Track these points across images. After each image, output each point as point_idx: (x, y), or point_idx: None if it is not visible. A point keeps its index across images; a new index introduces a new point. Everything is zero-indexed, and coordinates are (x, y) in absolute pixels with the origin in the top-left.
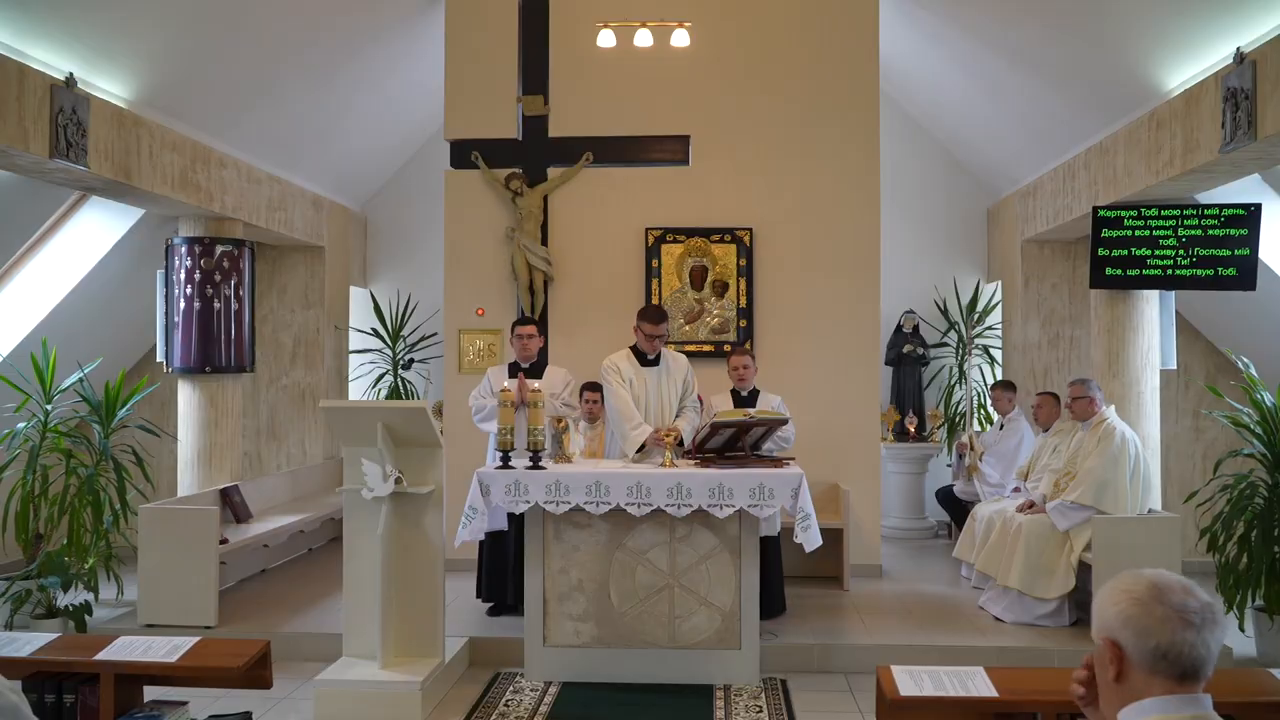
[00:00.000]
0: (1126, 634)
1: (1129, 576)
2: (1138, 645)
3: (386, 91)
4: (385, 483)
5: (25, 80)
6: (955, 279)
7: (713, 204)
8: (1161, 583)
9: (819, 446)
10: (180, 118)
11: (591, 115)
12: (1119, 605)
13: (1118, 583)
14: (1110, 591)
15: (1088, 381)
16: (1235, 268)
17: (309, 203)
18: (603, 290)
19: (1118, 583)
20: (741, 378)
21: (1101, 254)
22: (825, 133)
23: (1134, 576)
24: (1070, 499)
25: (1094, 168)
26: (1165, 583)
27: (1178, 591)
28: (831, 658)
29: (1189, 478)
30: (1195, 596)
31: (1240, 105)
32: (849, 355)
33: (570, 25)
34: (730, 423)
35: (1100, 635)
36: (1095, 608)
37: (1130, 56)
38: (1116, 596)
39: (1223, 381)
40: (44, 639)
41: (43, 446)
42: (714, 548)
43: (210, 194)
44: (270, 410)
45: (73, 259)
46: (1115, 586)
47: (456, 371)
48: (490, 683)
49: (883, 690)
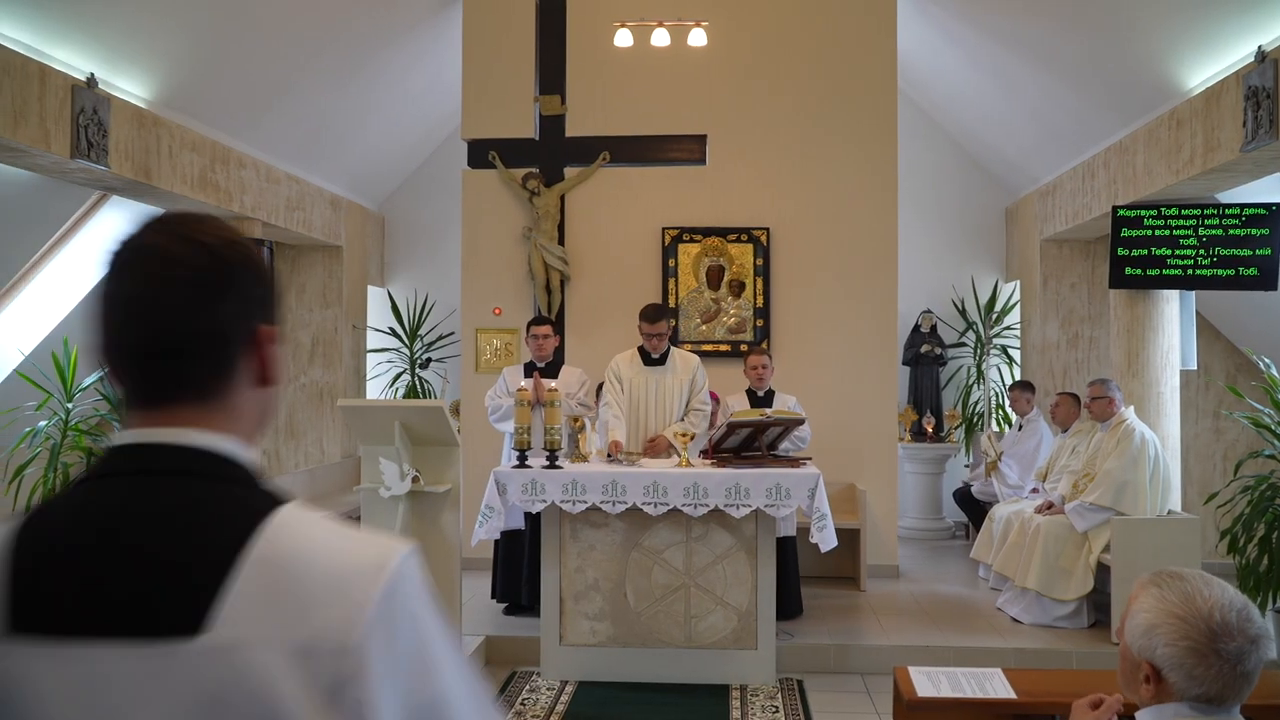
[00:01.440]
0: (1175, 676)
1: (1181, 601)
2: (1184, 687)
3: (404, 91)
4: (402, 481)
5: (47, 81)
6: (973, 278)
7: (730, 203)
8: (1219, 625)
9: (836, 446)
10: (200, 118)
11: (608, 115)
12: (1172, 648)
13: (1168, 605)
14: (1160, 617)
15: (1107, 382)
16: (1256, 267)
17: (327, 203)
18: (619, 290)
19: (1168, 605)
20: (759, 378)
21: (1121, 254)
22: (843, 132)
23: (1188, 605)
24: (1089, 500)
25: (1114, 167)
26: (1223, 624)
27: (1235, 635)
28: (848, 658)
29: (1209, 479)
30: (1248, 635)
31: (1262, 104)
32: (866, 355)
33: (587, 25)
34: (747, 422)
35: (1142, 658)
36: (1139, 625)
37: (1150, 55)
38: (1169, 633)
39: (1243, 382)
40: None
41: (64, 445)
42: (730, 547)
43: (229, 194)
44: (288, 409)
45: (93, 258)
46: (1167, 611)
47: (473, 371)
48: (506, 682)
49: (900, 691)
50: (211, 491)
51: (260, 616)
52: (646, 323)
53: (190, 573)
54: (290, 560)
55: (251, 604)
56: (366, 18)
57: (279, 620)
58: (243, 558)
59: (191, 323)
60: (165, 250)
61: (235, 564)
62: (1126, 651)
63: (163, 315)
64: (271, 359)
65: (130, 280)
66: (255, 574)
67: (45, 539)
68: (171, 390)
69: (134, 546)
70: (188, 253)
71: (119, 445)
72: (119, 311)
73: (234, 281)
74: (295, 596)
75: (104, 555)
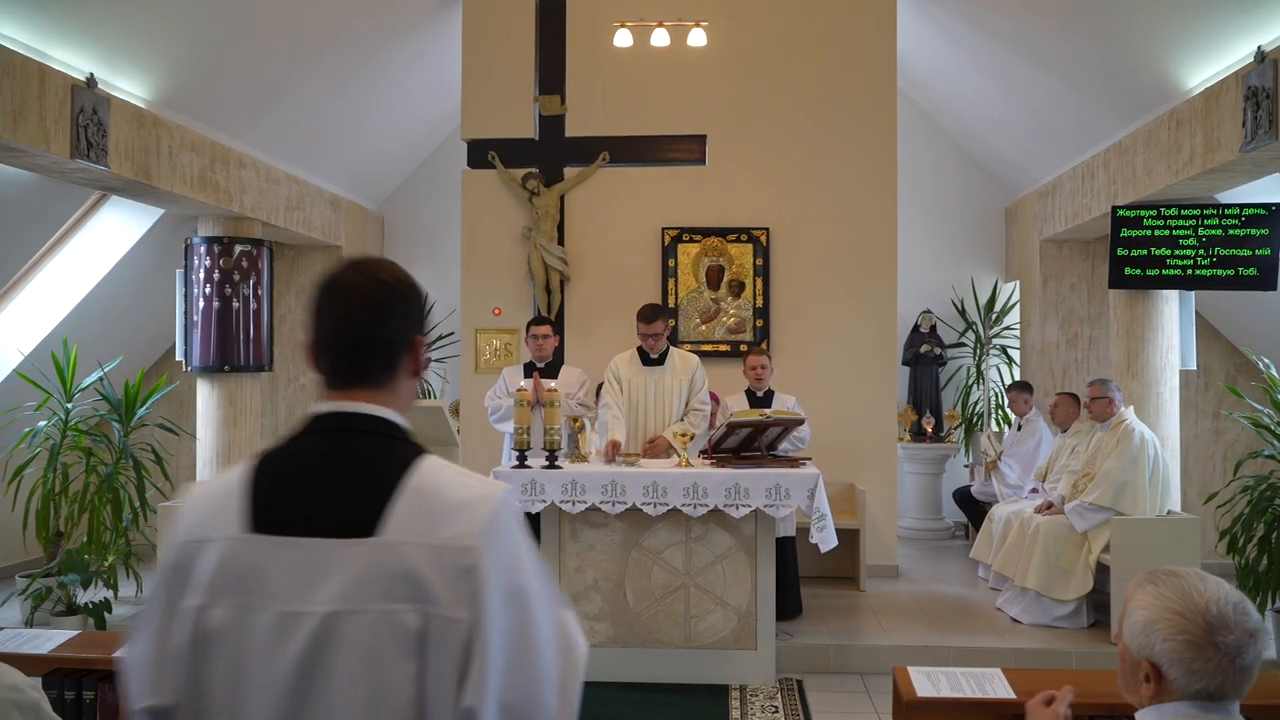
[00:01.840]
0: (1174, 671)
1: (1178, 597)
2: (1184, 683)
3: (404, 91)
4: None
5: (46, 81)
6: (973, 278)
7: (729, 204)
8: (1216, 618)
9: (835, 447)
10: (199, 118)
11: (608, 115)
12: (1170, 643)
13: (1165, 601)
14: (1158, 613)
15: (1107, 382)
16: (1256, 268)
17: (327, 203)
18: (619, 290)
19: (1165, 601)
20: (758, 378)
21: (1121, 254)
22: (842, 132)
23: (1185, 599)
24: (1089, 500)
25: (1113, 167)
26: (1220, 617)
27: (1233, 628)
28: (848, 658)
29: (1209, 479)
30: (1245, 628)
31: (1261, 104)
32: (866, 355)
33: (587, 25)
34: (746, 423)
35: (1141, 656)
36: (1137, 622)
37: (1150, 55)
38: (1167, 628)
39: (1243, 382)
40: (64, 636)
41: (63, 445)
42: (730, 548)
43: (229, 194)
44: (289, 409)
45: (93, 258)
46: (1165, 607)
47: (473, 371)
48: None
49: (899, 691)
50: (380, 444)
51: (411, 526)
52: (643, 323)
53: (367, 496)
54: (430, 490)
55: (406, 518)
56: (366, 18)
57: (423, 529)
58: (400, 488)
59: (373, 333)
60: (358, 285)
61: (395, 491)
62: (1125, 652)
63: (355, 328)
64: (421, 358)
65: (335, 304)
66: (408, 498)
67: (275, 471)
68: (357, 377)
69: (332, 478)
70: (371, 287)
71: (321, 412)
72: (326, 324)
73: (399, 306)
74: (433, 514)
75: (313, 483)
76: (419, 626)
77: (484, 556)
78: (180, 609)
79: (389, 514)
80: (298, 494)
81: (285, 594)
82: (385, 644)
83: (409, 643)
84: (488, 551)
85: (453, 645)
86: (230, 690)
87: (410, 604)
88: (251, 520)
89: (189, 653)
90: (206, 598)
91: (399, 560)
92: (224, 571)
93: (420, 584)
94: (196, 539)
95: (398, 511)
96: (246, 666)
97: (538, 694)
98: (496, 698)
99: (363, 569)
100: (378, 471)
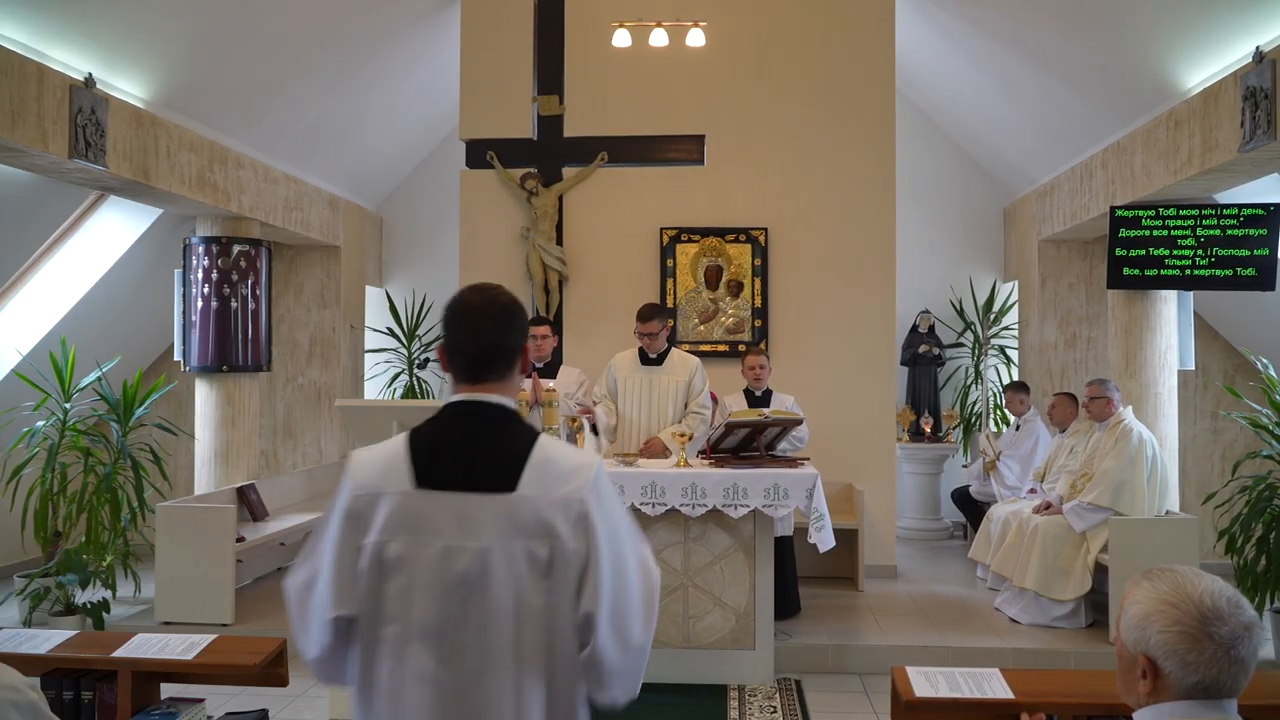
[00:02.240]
0: (1170, 664)
1: (1172, 590)
2: (1179, 676)
3: (402, 92)
4: None
5: (45, 81)
6: (971, 279)
7: (728, 204)
8: (1210, 610)
9: (834, 447)
10: (198, 118)
11: (607, 115)
12: (1165, 634)
13: (1160, 594)
14: (1153, 606)
15: (1106, 382)
16: (1254, 268)
17: (325, 203)
18: (618, 290)
19: (1160, 594)
20: (756, 378)
21: (1119, 254)
22: (841, 132)
23: (1178, 592)
24: (1087, 500)
25: (1112, 167)
26: (1214, 609)
27: (1227, 619)
28: (846, 658)
29: (1207, 479)
30: (1240, 621)
31: (1260, 104)
32: (864, 355)
33: (586, 25)
34: (745, 423)
35: (1138, 651)
36: (1133, 617)
37: (1148, 55)
38: (1161, 620)
39: (1241, 382)
40: (62, 636)
41: (61, 445)
42: (728, 548)
43: (227, 194)
44: (286, 409)
45: (91, 258)
46: (1159, 599)
47: None
48: None
49: (898, 691)
50: (508, 425)
51: (539, 484)
52: (639, 322)
53: (506, 463)
54: (549, 459)
55: (534, 479)
56: (364, 18)
57: (547, 487)
58: (529, 457)
59: (497, 342)
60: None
61: (526, 460)
62: (1122, 649)
63: (483, 338)
64: (527, 361)
65: (467, 319)
66: (534, 465)
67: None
68: (484, 375)
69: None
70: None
71: (457, 401)
72: (460, 335)
73: (517, 321)
74: (554, 476)
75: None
76: (548, 556)
77: (592, 506)
78: (362, 544)
79: (523, 476)
80: (451, 461)
81: (448, 532)
82: (525, 568)
83: (541, 567)
84: (594, 503)
85: (572, 569)
86: (403, 602)
87: (542, 540)
88: (416, 479)
89: (370, 575)
90: (384, 535)
91: (533, 509)
92: (397, 516)
93: (548, 526)
94: (371, 493)
95: (528, 474)
96: (417, 585)
97: (630, 603)
98: (605, 605)
99: (506, 515)
100: (511, 445)
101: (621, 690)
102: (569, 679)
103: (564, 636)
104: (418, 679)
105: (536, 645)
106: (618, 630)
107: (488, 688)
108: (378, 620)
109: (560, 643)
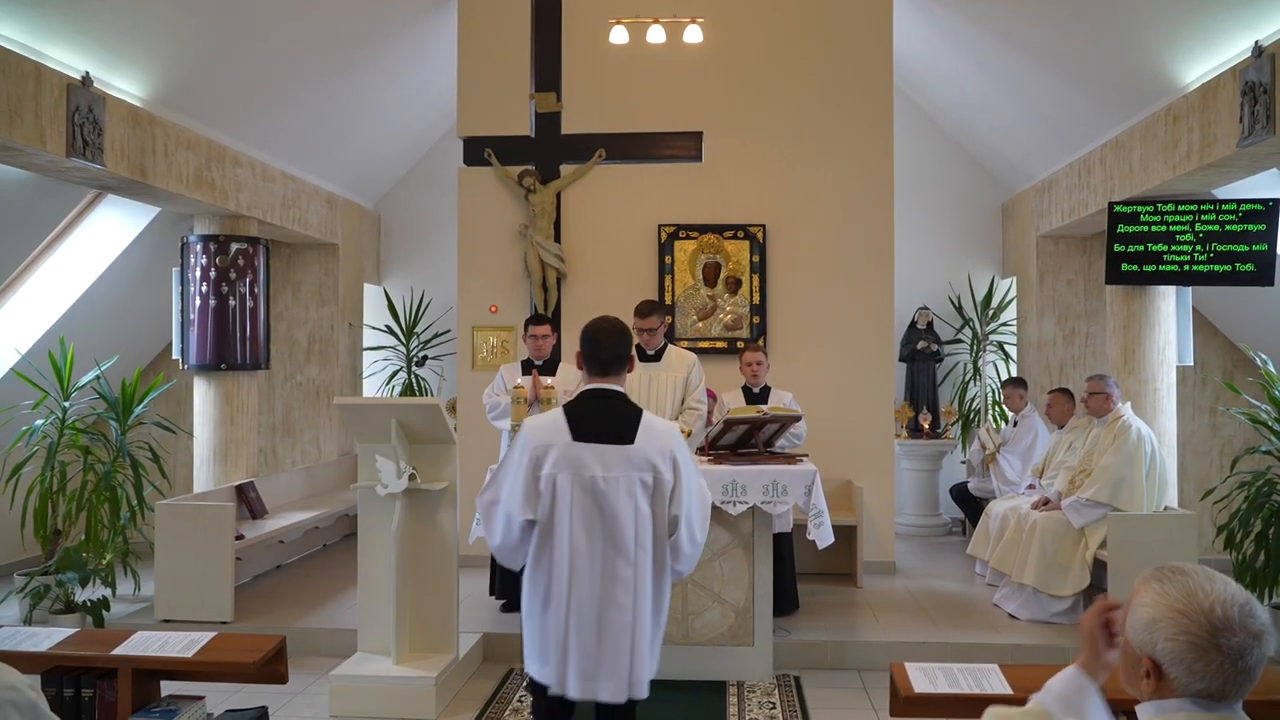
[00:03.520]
0: (1175, 670)
1: (1182, 596)
2: (1185, 682)
3: (399, 89)
4: (399, 479)
5: (42, 80)
6: (970, 275)
7: (726, 200)
8: (1220, 620)
9: (832, 443)
10: (195, 116)
11: (604, 112)
12: (1173, 642)
13: (1169, 600)
14: (1162, 612)
15: (1105, 378)
16: (1253, 263)
17: (323, 201)
18: (616, 287)
19: (1169, 600)
20: (754, 374)
21: (1117, 249)
22: (839, 128)
23: (1189, 599)
24: (1086, 496)
25: (1110, 163)
26: (1224, 619)
27: (1237, 630)
28: (845, 654)
29: (1206, 475)
30: (1250, 630)
31: (1258, 99)
32: (863, 351)
33: (583, 22)
34: (743, 419)
35: (1143, 653)
36: (1140, 619)
37: (1147, 51)
38: (1170, 627)
39: (1240, 378)
40: (62, 634)
41: (61, 443)
42: (727, 544)
43: (225, 192)
44: (285, 407)
45: (89, 257)
46: (1168, 605)
47: (470, 368)
48: (504, 679)
49: (896, 687)
50: (625, 402)
51: (646, 439)
52: (637, 317)
53: (627, 426)
54: (651, 424)
55: (643, 436)
56: (362, 16)
57: (651, 440)
58: (641, 423)
59: (618, 353)
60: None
61: (638, 424)
62: (1128, 647)
63: (611, 348)
64: (634, 362)
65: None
66: (643, 428)
67: (578, 414)
68: (611, 370)
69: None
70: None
71: (592, 388)
72: (595, 346)
73: (627, 339)
74: (655, 434)
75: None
76: (652, 481)
77: (678, 451)
78: (540, 474)
79: (637, 434)
80: (594, 425)
81: (592, 468)
82: (638, 489)
83: (647, 489)
84: (679, 450)
85: (665, 490)
86: (565, 512)
87: (648, 472)
88: (573, 435)
89: (546, 493)
90: (554, 469)
91: (643, 454)
92: (562, 458)
93: (652, 464)
94: (544, 444)
95: (640, 433)
96: (573, 500)
97: (695, 511)
98: (684, 511)
99: (627, 458)
100: (628, 414)
101: (687, 565)
102: (661, 554)
103: (660, 529)
104: (575, 553)
105: (644, 533)
106: (689, 527)
107: (616, 558)
108: (551, 520)
109: (658, 533)
